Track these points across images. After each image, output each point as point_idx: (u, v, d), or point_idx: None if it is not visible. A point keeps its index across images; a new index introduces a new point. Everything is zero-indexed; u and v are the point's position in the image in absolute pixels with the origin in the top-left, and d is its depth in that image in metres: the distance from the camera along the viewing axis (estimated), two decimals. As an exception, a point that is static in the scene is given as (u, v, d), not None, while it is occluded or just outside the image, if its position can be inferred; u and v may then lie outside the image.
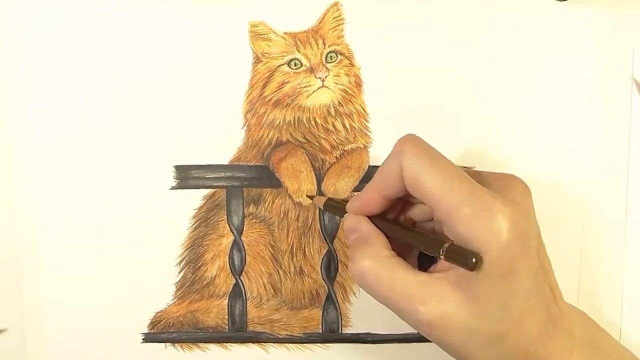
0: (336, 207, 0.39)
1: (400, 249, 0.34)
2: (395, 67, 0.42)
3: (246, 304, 0.44)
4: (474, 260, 0.30)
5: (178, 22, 0.42)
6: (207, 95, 0.42)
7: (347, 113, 0.42)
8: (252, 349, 0.44)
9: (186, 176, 0.43)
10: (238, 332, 0.44)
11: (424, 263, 0.36)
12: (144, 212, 0.43)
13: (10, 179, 0.43)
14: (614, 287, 0.43)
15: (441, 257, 0.31)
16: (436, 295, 0.31)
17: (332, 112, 0.42)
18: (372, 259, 0.33)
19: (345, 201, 0.37)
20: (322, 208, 0.41)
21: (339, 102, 0.42)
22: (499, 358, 0.32)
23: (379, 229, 0.35)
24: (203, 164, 0.43)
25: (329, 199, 0.41)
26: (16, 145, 0.42)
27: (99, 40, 0.42)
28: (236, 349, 0.44)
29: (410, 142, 0.33)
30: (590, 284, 0.43)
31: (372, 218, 0.35)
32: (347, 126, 0.43)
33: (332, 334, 0.44)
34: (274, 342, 0.44)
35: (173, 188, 0.43)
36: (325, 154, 0.43)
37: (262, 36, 0.42)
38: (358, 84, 0.42)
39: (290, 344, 0.44)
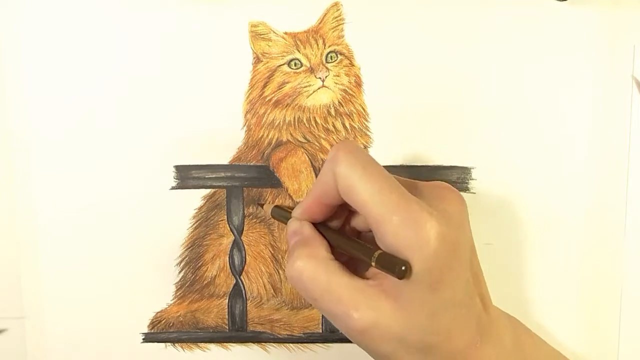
0: (282, 215, 0.39)
1: (347, 259, 0.34)
2: (395, 67, 0.42)
3: (246, 303, 0.44)
4: (402, 268, 0.30)
5: (178, 22, 0.42)
6: (207, 95, 0.42)
7: (347, 113, 0.42)
8: (252, 349, 0.44)
9: (186, 176, 0.43)
10: (238, 332, 0.44)
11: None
12: (144, 212, 0.43)
13: (10, 178, 0.43)
14: (614, 287, 0.43)
15: (372, 264, 0.31)
16: (369, 302, 0.31)
17: (332, 112, 0.42)
18: (310, 259, 0.33)
19: (291, 208, 0.37)
20: (270, 215, 0.40)
21: (339, 102, 0.42)
22: None
23: (322, 235, 0.35)
24: (203, 164, 0.43)
25: (276, 205, 0.40)
26: (16, 145, 0.42)
27: (99, 40, 0.42)
28: (236, 349, 0.44)
29: (344, 149, 0.32)
30: (590, 283, 0.43)
31: (315, 225, 0.35)
32: (347, 126, 0.43)
33: (332, 334, 0.44)
34: (274, 342, 0.44)
35: (173, 188, 0.43)
36: (326, 154, 0.43)
37: (262, 36, 0.42)
38: (358, 84, 0.42)
39: (291, 344, 0.44)
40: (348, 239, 0.34)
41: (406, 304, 0.31)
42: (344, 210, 0.36)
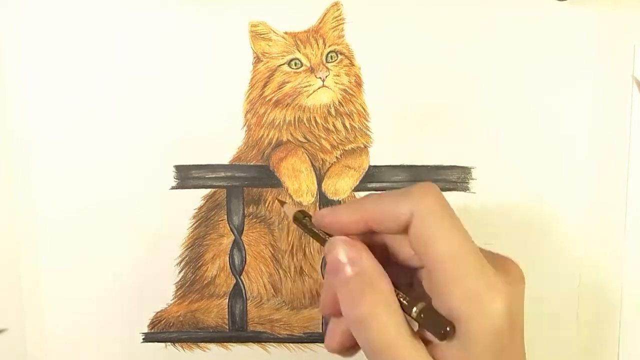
0: (306, 224, 0.34)
1: None
2: (395, 67, 0.42)
3: (246, 303, 0.44)
4: (447, 329, 0.28)
5: (178, 22, 0.42)
6: (207, 95, 0.42)
7: (347, 113, 0.42)
8: (253, 349, 0.44)
9: (186, 176, 0.43)
10: (238, 331, 0.44)
11: None
12: (144, 212, 0.43)
13: (10, 178, 0.43)
14: (614, 287, 0.43)
15: (413, 315, 0.29)
16: None
17: (333, 112, 0.42)
18: (382, 306, 0.30)
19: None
20: (290, 218, 0.35)
21: (339, 101, 0.42)
22: None
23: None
24: (203, 164, 0.43)
25: (301, 210, 0.35)
26: (16, 145, 0.42)
27: (99, 40, 0.42)
28: (236, 348, 0.44)
29: (432, 195, 0.30)
30: (590, 283, 0.43)
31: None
32: (348, 126, 0.43)
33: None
34: (274, 342, 0.44)
35: (173, 188, 0.43)
36: (326, 154, 0.43)
37: (262, 36, 0.42)
38: (358, 84, 0.42)
39: (291, 344, 0.44)
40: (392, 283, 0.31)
41: None
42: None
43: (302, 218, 0.34)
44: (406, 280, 0.32)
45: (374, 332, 0.29)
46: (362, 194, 0.43)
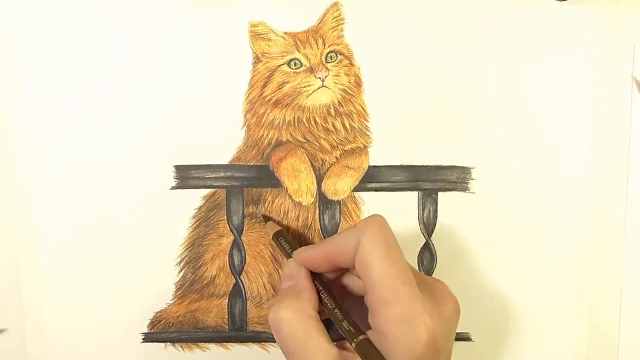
0: (283, 246, 0.40)
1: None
2: (395, 67, 0.42)
3: (246, 303, 0.44)
4: None
5: (178, 22, 0.42)
6: (207, 95, 0.42)
7: (347, 113, 0.42)
8: (253, 349, 0.44)
9: (186, 176, 0.43)
10: (238, 332, 0.44)
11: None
12: (144, 212, 0.43)
13: (10, 178, 0.43)
14: (614, 287, 0.43)
15: (352, 345, 0.33)
16: None
17: (332, 112, 0.42)
18: (295, 313, 0.34)
19: (293, 244, 0.39)
20: (270, 237, 0.42)
21: (339, 102, 0.42)
22: None
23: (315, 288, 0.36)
24: (203, 164, 0.43)
25: (280, 231, 0.41)
26: (16, 145, 0.42)
27: (99, 40, 0.42)
28: (236, 348, 0.44)
29: (376, 225, 0.34)
30: (590, 283, 0.43)
31: (312, 274, 0.37)
32: (347, 126, 0.43)
33: (332, 334, 0.44)
34: (274, 342, 0.44)
35: (173, 188, 0.43)
36: (326, 154, 0.43)
37: (262, 36, 0.42)
38: (358, 84, 0.42)
39: (291, 344, 0.44)
40: (338, 308, 0.35)
41: None
42: (342, 268, 0.37)
43: (278, 239, 0.41)
44: None
45: (284, 334, 0.34)
46: (362, 194, 0.43)
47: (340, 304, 0.36)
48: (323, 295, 0.36)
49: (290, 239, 0.41)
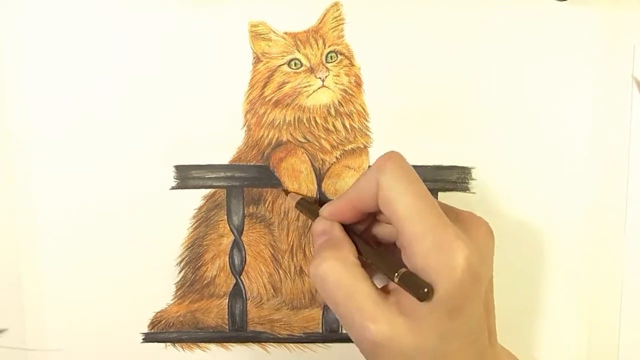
0: (309, 209, 0.40)
1: (364, 266, 0.34)
2: (395, 67, 0.42)
3: (246, 303, 0.44)
4: (425, 290, 0.30)
5: (178, 22, 0.42)
6: (207, 95, 0.42)
7: (347, 113, 0.42)
8: (253, 349, 0.44)
9: (186, 176, 0.43)
10: (238, 332, 0.44)
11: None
12: (144, 212, 0.43)
13: (10, 178, 0.43)
14: (614, 287, 0.43)
15: (395, 280, 0.31)
16: (387, 317, 0.31)
17: (332, 112, 0.42)
18: (338, 262, 0.33)
19: (318, 204, 0.38)
20: (294, 205, 0.41)
21: (339, 102, 0.42)
22: None
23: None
24: (203, 164, 0.43)
25: (303, 197, 0.41)
26: (16, 145, 0.42)
27: (99, 40, 0.42)
28: (236, 348, 0.44)
29: (392, 160, 0.33)
30: (590, 283, 0.43)
31: (344, 227, 0.36)
32: (347, 126, 0.43)
33: (332, 334, 0.44)
34: (274, 342, 0.44)
35: (173, 188, 0.43)
36: (326, 154, 0.43)
37: (262, 36, 0.42)
38: (358, 84, 0.42)
39: (291, 344, 0.44)
40: (374, 250, 0.34)
41: (421, 325, 0.31)
42: (369, 217, 0.36)
43: (305, 205, 0.40)
44: None
45: (330, 285, 0.32)
46: (362, 194, 0.43)
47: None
48: (358, 244, 0.35)
49: (313, 203, 0.40)
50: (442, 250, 0.30)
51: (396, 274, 0.31)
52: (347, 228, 0.36)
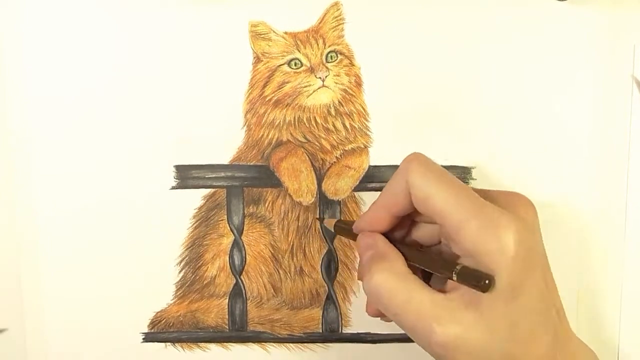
0: (346, 229, 0.39)
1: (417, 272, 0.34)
2: (395, 67, 0.42)
3: (246, 303, 0.44)
4: (486, 281, 0.30)
5: (178, 22, 0.42)
6: (207, 95, 0.42)
7: (347, 113, 0.42)
8: (253, 349, 0.44)
9: (186, 176, 0.43)
10: (238, 331, 0.44)
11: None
12: (144, 212, 0.43)
13: (10, 178, 0.43)
14: (614, 287, 0.43)
15: (453, 278, 0.31)
16: (451, 315, 0.31)
17: (333, 112, 0.42)
18: (389, 273, 0.33)
19: (352, 223, 0.38)
20: (332, 230, 0.41)
21: (339, 101, 0.42)
22: None
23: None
24: (203, 164, 0.43)
25: (339, 220, 0.41)
26: (16, 145, 0.42)
27: (99, 40, 0.42)
28: (236, 348, 0.44)
29: (417, 160, 0.33)
30: (590, 283, 0.43)
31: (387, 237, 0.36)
32: (348, 126, 0.43)
33: (332, 334, 0.44)
34: (274, 342, 0.44)
35: (173, 188, 0.43)
36: (326, 154, 0.43)
37: (262, 36, 0.42)
38: (358, 84, 0.42)
39: (291, 344, 0.44)
40: (422, 253, 0.34)
41: (488, 313, 0.31)
42: (405, 223, 0.36)
43: (342, 226, 0.40)
44: None
45: (385, 297, 0.32)
46: (362, 193, 0.43)
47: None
48: (405, 252, 0.35)
49: (349, 222, 0.39)
50: (490, 230, 0.30)
51: (454, 271, 0.31)
52: (390, 238, 0.36)
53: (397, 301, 0.32)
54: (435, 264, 0.33)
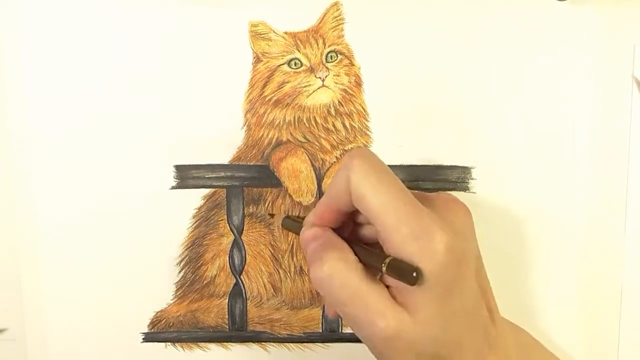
0: (294, 225, 0.39)
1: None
2: (395, 67, 0.42)
3: (246, 303, 0.44)
4: (414, 274, 0.30)
5: (178, 22, 0.42)
6: (207, 95, 0.42)
7: (347, 113, 0.42)
8: (252, 349, 0.44)
9: (186, 176, 0.43)
10: (238, 331, 0.44)
11: None
12: (144, 211, 0.43)
13: (10, 178, 0.43)
14: (614, 287, 0.43)
15: (383, 270, 0.31)
16: (394, 312, 0.31)
17: (332, 112, 0.42)
18: (341, 262, 0.32)
19: (302, 218, 0.38)
20: (280, 225, 0.41)
21: (339, 101, 0.42)
22: None
23: None
24: (203, 163, 0.43)
25: (287, 216, 0.41)
26: (16, 145, 0.42)
27: (99, 40, 0.42)
28: (236, 348, 0.44)
29: (359, 156, 0.33)
30: (590, 283, 0.43)
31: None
32: (347, 126, 0.43)
33: (332, 334, 0.44)
34: (274, 342, 0.44)
35: (173, 188, 0.43)
36: (326, 154, 0.43)
37: (262, 36, 0.42)
38: (358, 84, 0.42)
39: (291, 344, 0.44)
40: (359, 246, 0.34)
41: (422, 315, 0.31)
42: (350, 221, 0.36)
43: (287, 221, 0.40)
44: None
45: (336, 287, 0.32)
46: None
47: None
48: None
49: (298, 217, 0.40)
50: (420, 237, 0.30)
51: (383, 263, 0.31)
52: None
53: (347, 291, 0.32)
54: (368, 255, 0.33)
